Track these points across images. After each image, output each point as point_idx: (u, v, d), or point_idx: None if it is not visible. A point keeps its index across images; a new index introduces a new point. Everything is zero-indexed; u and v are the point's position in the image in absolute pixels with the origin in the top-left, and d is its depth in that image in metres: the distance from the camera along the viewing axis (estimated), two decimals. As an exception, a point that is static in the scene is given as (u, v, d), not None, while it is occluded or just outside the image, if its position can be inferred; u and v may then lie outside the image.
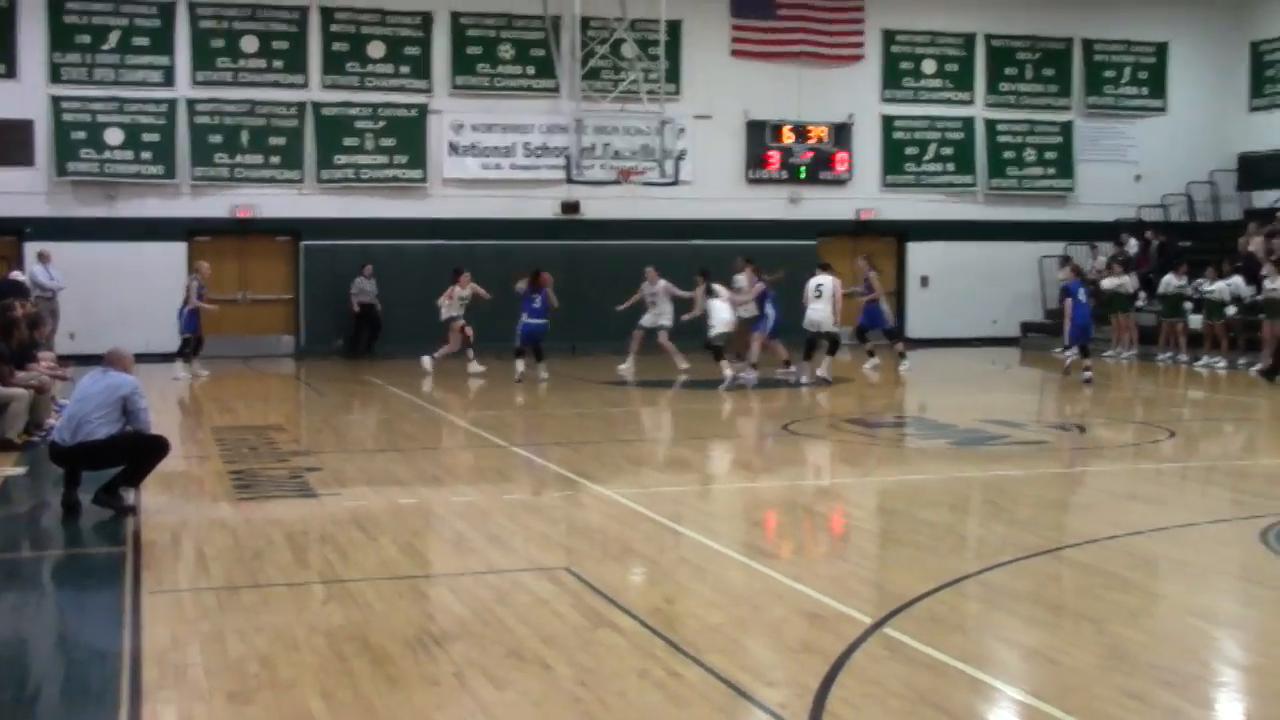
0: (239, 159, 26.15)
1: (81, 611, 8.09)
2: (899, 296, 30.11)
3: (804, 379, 20.66)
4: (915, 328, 29.48)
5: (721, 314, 20.03)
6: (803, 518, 10.98)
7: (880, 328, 23.36)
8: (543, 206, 27.55)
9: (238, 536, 9.59)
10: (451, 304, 22.18)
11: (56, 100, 25.27)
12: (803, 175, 29.05)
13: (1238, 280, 23.56)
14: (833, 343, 20.80)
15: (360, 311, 26.33)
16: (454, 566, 9.03)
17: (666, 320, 22.29)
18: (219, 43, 26.10)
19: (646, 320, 22.48)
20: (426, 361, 21.81)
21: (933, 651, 6.70)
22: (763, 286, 21.07)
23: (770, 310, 20.92)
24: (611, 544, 9.61)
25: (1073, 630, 7.28)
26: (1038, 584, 8.43)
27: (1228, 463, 13.90)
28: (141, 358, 20.84)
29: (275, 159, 26.36)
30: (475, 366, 22.00)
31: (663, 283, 22.43)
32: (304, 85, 26.50)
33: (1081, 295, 20.97)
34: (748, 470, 13.36)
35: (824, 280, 21.09)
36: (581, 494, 11.46)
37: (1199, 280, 24.31)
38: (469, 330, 22.16)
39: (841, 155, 29.28)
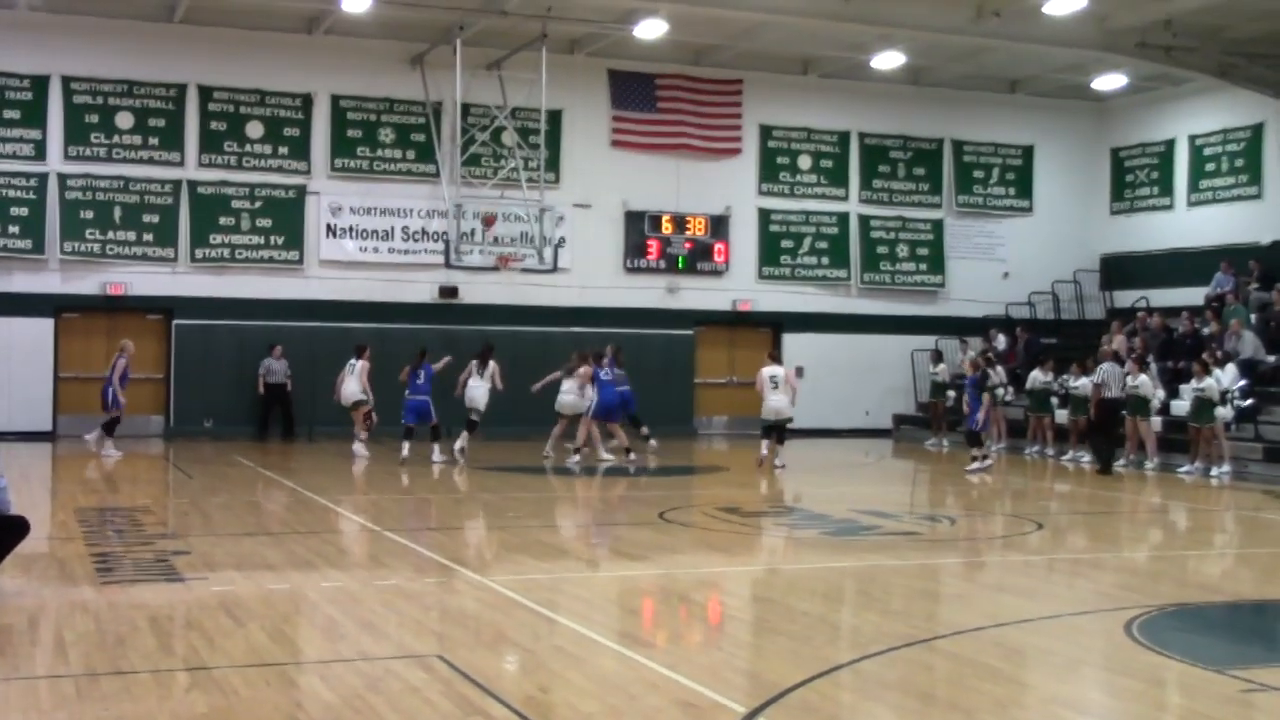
0: (111, 235, 25.70)
1: (-69, 699, 7.78)
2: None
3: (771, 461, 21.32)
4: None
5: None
6: (678, 606, 10.96)
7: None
8: (421, 290, 27.45)
9: (99, 621, 9.32)
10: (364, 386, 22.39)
11: (-78, 171, 24.70)
12: (682, 265, 29.33)
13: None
14: (780, 431, 21.45)
15: (267, 392, 25.99)
16: (324, 653, 8.86)
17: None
18: (93, 118, 25.72)
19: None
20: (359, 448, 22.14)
21: (807, 741, 6.70)
22: (590, 370, 21.99)
23: (594, 394, 21.76)
24: (485, 631, 9.50)
25: (944, 720, 7.35)
26: (909, 673, 8.49)
27: (1093, 555, 14.16)
28: (3, 435, 20.25)
29: (149, 236, 25.95)
30: (362, 450, 22.07)
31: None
32: (180, 163, 26.20)
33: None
34: (624, 558, 13.32)
35: (777, 370, 21.63)
36: (455, 580, 11.33)
37: (1064, 376, 24.90)
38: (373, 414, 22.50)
39: (719, 246, 29.64)
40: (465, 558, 12.29)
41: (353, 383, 22.33)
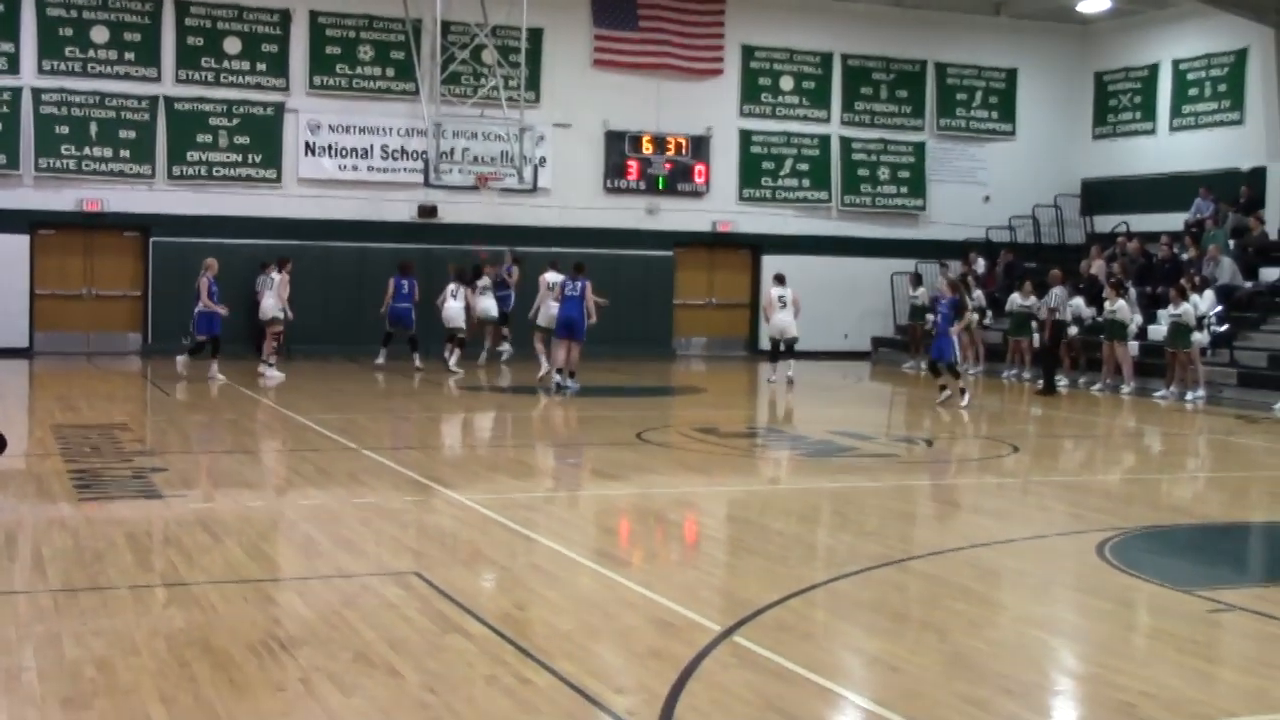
0: (87, 151, 25.45)
1: (-91, 613, 7.81)
2: (753, 309, 30.44)
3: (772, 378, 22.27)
4: (769, 340, 29.77)
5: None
6: (655, 526, 11.02)
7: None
8: (400, 209, 27.29)
9: (78, 537, 9.34)
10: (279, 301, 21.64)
11: (-106, 84, 24.39)
12: (662, 186, 29.21)
13: (1079, 301, 24.24)
14: (789, 349, 22.70)
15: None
16: (301, 570, 8.91)
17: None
18: (67, 31, 25.38)
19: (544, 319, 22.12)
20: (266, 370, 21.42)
21: (780, 659, 6.77)
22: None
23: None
24: (462, 549, 9.55)
25: (916, 639, 7.43)
26: (883, 594, 8.58)
27: (1067, 478, 14.29)
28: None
29: (125, 153, 25.71)
30: (273, 372, 21.30)
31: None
32: (156, 79, 25.90)
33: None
34: (600, 477, 13.38)
35: (785, 291, 22.55)
36: (433, 499, 11.38)
37: (1044, 300, 24.94)
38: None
39: (699, 167, 29.52)
40: (443, 476, 12.33)
41: (269, 298, 21.69)
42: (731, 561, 9.65)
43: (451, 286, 23.70)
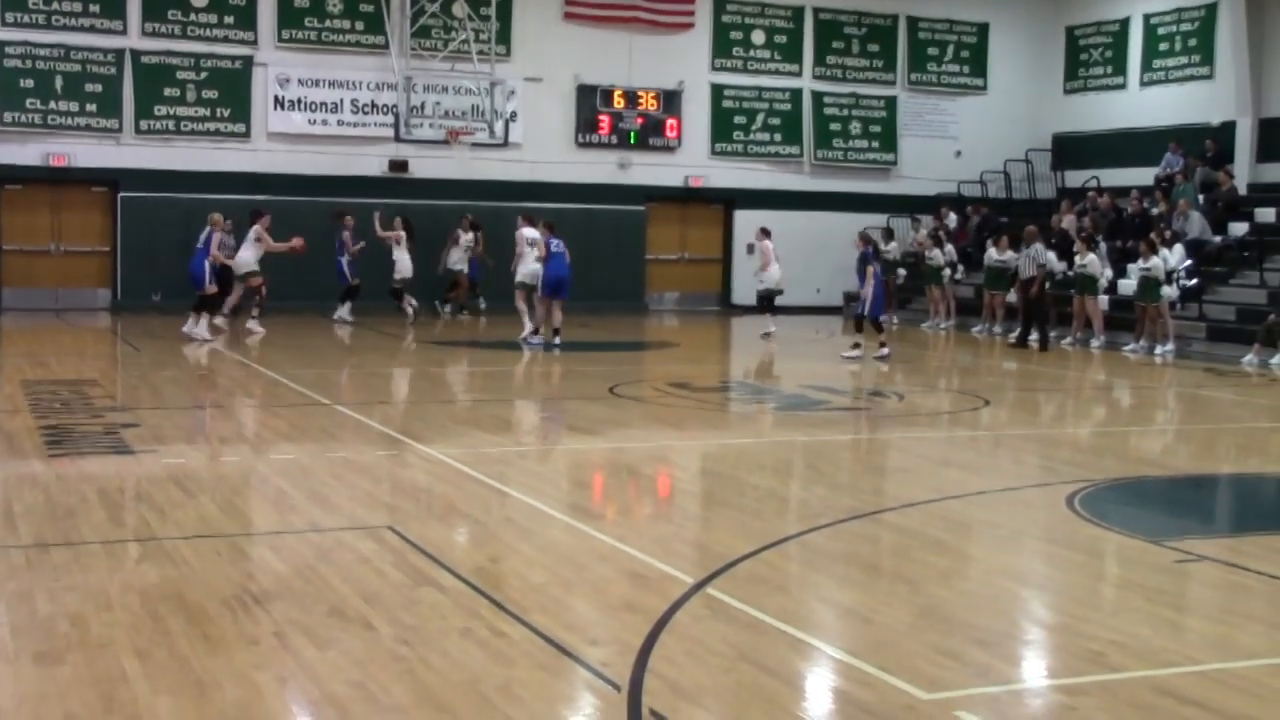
0: (53, 105, 25.20)
1: (-120, 569, 7.79)
2: (725, 264, 30.45)
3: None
4: (740, 294, 29.82)
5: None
6: (627, 479, 11.05)
7: None
8: (370, 164, 27.13)
9: (49, 493, 9.31)
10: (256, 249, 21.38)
11: None
12: (634, 141, 29.12)
13: (1050, 256, 24.27)
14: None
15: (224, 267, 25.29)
16: (275, 524, 8.90)
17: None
18: (32, -16, 25.10)
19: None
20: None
21: (753, 611, 6.81)
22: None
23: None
24: (435, 503, 9.57)
25: (888, 590, 7.48)
26: (855, 546, 8.63)
27: (1038, 431, 14.38)
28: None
29: (91, 106, 25.46)
30: (256, 325, 21.37)
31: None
32: (122, 32, 25.63)
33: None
34: (573, 432, 13.40)
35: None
36: (406, 453, 11.37)
37: (1016, 255, 24.98)
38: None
39: (671, 121, 29.42)
40: (415, 431, 12.32)
41: (246, 250, 21.27)
42: (704, 514, 9.69)
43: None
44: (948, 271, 26.61)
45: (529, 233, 21.06)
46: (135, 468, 10.41)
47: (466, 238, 25.41)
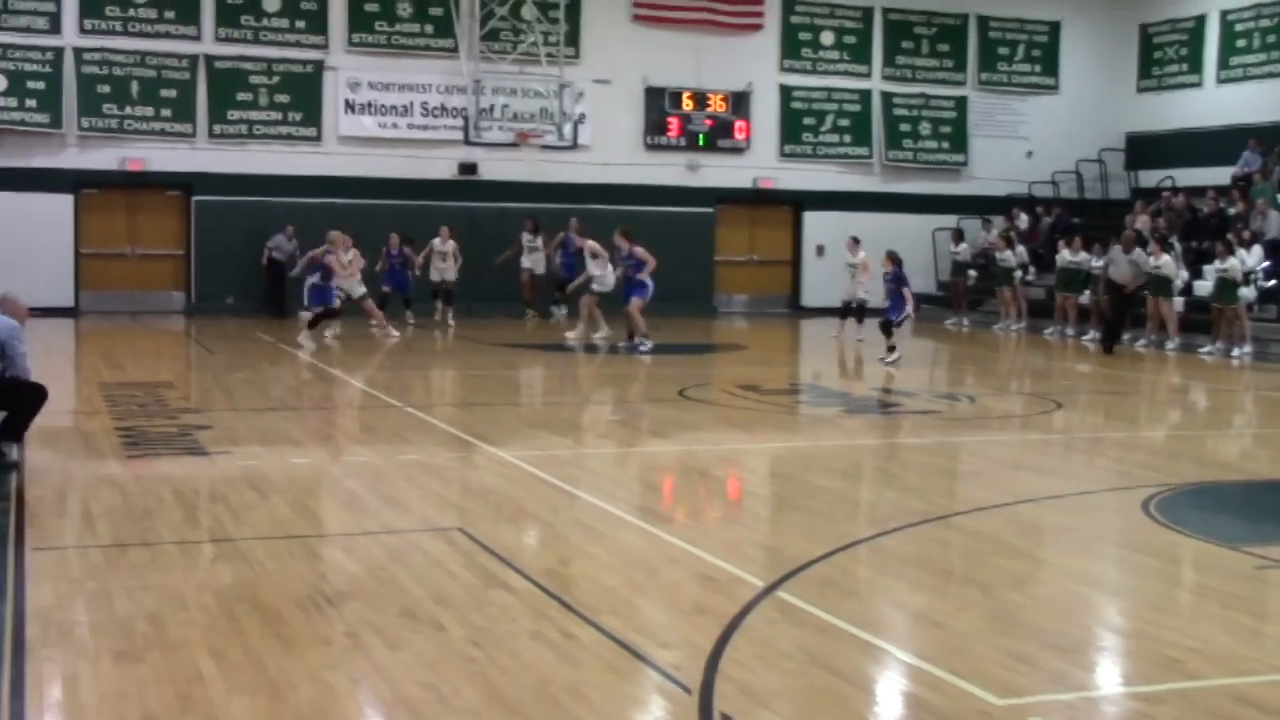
0: (129, 110, 25.57)
1: (-38, 568, 7.92)
2: (795, 266, 30.36)
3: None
4: (810, 296, 29.74)
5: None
6: (698, 482, 11.03)
7: None
8: (440, 167, 27.29)
9: (126, 494, 9.43)
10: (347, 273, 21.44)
11: (-62, 45, 24.54)
12: (703, 143, 29.10)
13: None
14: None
15: (269, 265, 25.49)
16: (347, 526, 8.97)
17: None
18: (108, -10, 25.48)
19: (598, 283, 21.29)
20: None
21: (824, 614, 6.78)
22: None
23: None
24: (506, 506, 9.59)
25: (960, 595, 7.42)
26: (927, 550, 8.56)
27: (1112, 434, 14.20)
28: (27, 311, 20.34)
29: (167, 111, 25.81)
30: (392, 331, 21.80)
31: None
32: (196, 38, 25.97)
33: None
34: (643, 434, 13.39)
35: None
36: (476, 455, 11.42)
37: (1089, 256, 24.72)
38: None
39: (740, 123, 29.37)
40: (486, 433, 12.37)
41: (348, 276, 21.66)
42: (775, 518, 9.65)
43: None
44: (1019, 273, 26.36)
45: (595, 245, 21.30)
46: (210, 469, 10.53)
47: (532, 241, 25.43)
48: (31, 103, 25.01)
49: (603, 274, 20.94)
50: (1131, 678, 6.20)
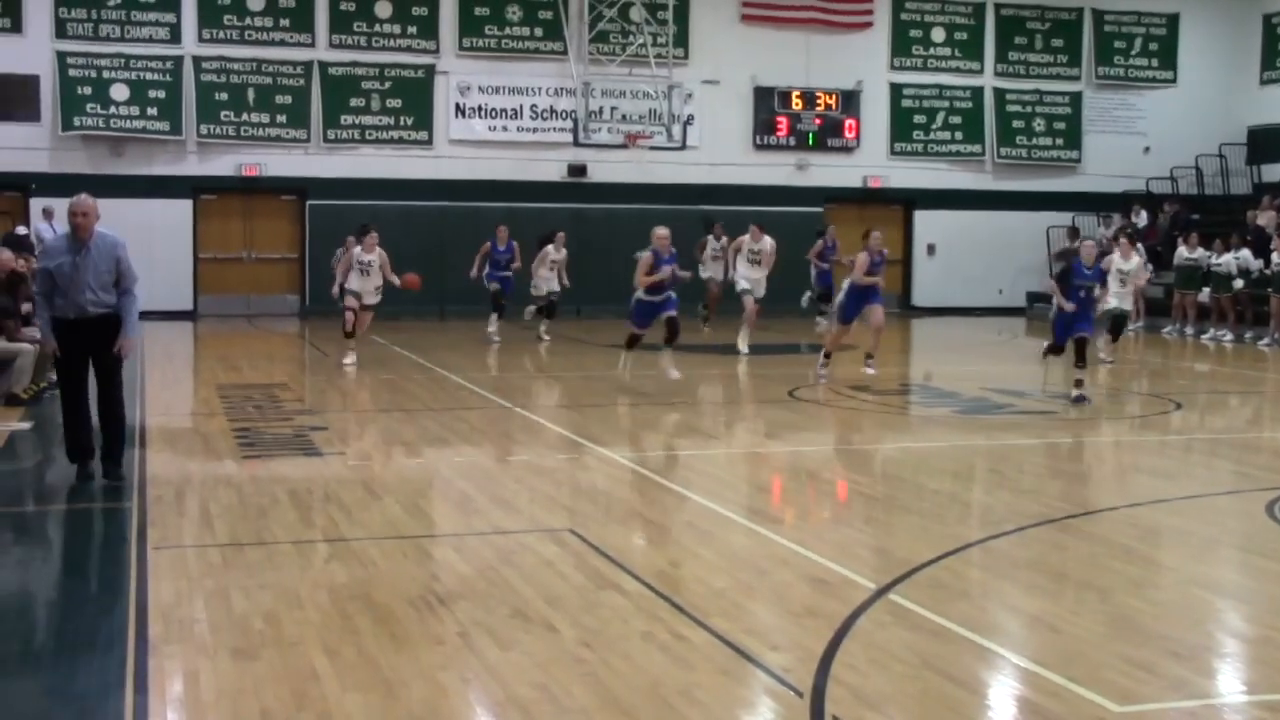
0: (245, 117, 26.08)
1: (87, 566, 8.11)
2: (905, 265, 30.09)
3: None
4: (921, 296, 29.46)
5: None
6: (808, 483, 10.97)
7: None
8: (549, 169, 27.47)
9: (242, 494, 9.60)
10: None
11: (62, 55, 25.19)
12: (812, 142, 28.97)
13: (1246, 254, 23.48)
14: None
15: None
16: (458, 527, 9.03)
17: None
18: (225, 0, 25.96)
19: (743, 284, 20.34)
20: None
21: (937, 618, 6.69)
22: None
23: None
24: (616, 507, 9.61)
25: (1076, 599, 7.29)
26: (1042, 552, 8.42)
27: (1234, 435, 13.87)
28: (144, 315, 20.85)
29: (281, 118, 26.29)
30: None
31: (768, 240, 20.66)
32: (311, 44, 26.41)
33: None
34: (753, 435, 13.34)
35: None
36: (586, 456, 11.45)
37: (1207, 253, 24.24)
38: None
39: (850, 122, 29.18)
40: (596, 434, 12.40)
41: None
42: (886, 519, 9.56)
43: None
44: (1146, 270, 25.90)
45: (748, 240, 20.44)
46: (324, 469, 10.67)
47: (715, 245, 23.82)
48: (153, 111, 25.60)
49: (759, 279, 20.36)
50: (1255, 685, 6.05)
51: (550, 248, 21.88)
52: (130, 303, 9.60)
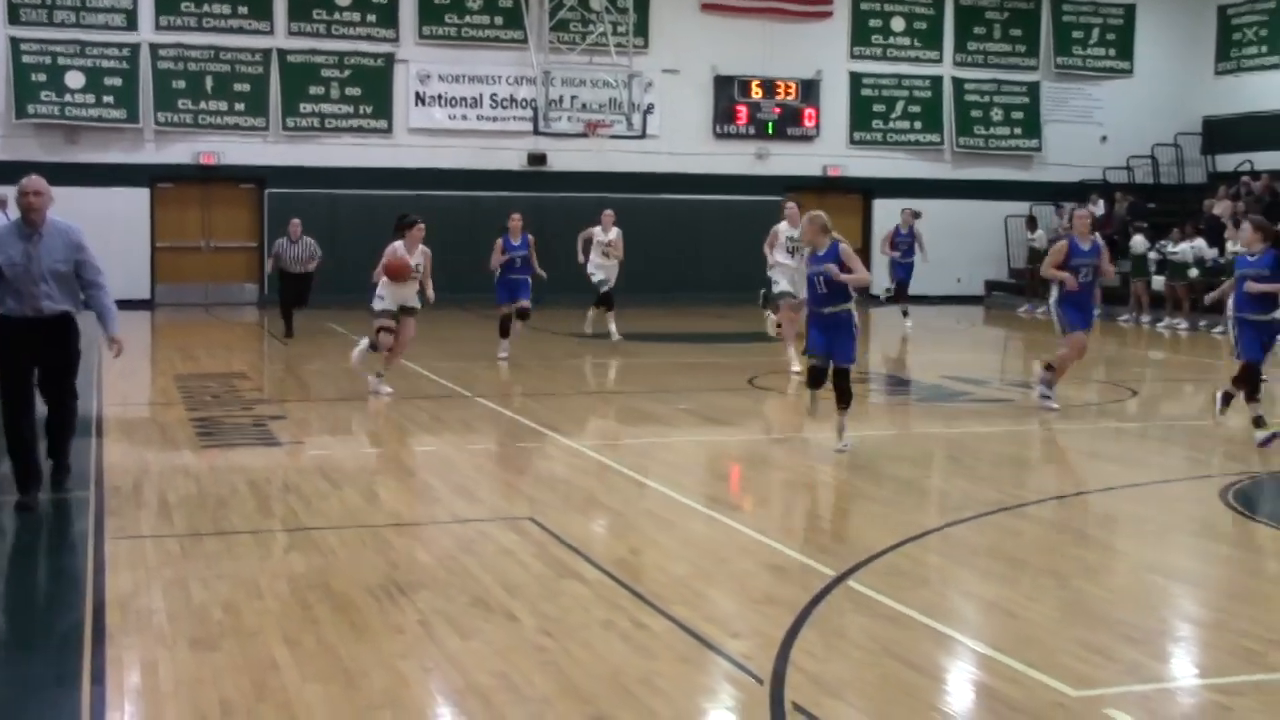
0: (203, 105, 25.88)
1: (44, 556, 8.06)
2: (864, 254, 30.17)
3: None
4: (881, 284, 29.53)
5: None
6: (767, 471, 11.01)
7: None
8: (509, 158, 27.41)
9: (201, 484, 9.55)
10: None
11: (16, 42, 24.92)
12: (771, 131, 29.01)
13: (1200, 243, 23.69)
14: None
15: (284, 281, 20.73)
16: (418, 515, 9.03)
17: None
18: (182, -14, 25.78)
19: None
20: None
21: (895, 604, 6.74)
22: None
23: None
24: (576, 495, 9.62)
25: (1033, 585, 7.35)
26: (999, 539, 8.49)
27: (1188, 423, 14.00)
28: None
29: (240, 106, 26.10)
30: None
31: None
32: (269, 32, 26.23)
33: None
34: (713, 423, 13.37)
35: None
36: (547, 445, 11.46)
37: (1162, 242, 24.44)
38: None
39: (809, 111, 29.24)
40: (556, 423, 12.40)
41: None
42: (845, 506, 9.61)
43: None
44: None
45: (784, 229, 16.33)
46: (283, 459, 10.64)
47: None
48: (108, 99, 25.37)
49: (612, 265, 19.38)
50: (1209, 669, 6.12)
51: (596, 230, 19.71)
52: (104, 296, 8.65)
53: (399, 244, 13.98)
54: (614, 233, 19.80)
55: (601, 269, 19.80)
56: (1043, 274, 13.65)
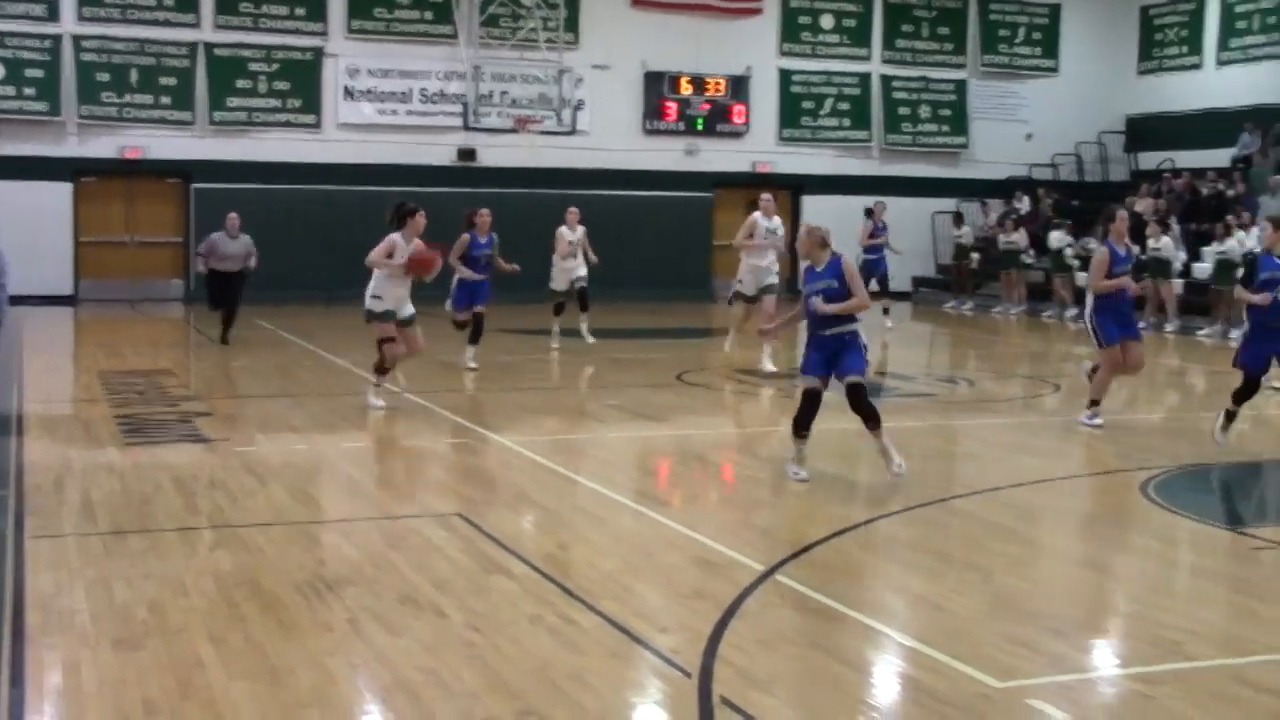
0: (128, 98, 25.53)
1: (-38, 556, 7.94)
2: (794, 250, 30.31)
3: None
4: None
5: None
6: (695, 466, 11.04)
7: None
8: (439, 153, 27.27)
9: (125, 481, 9.44)
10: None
11: (-66, 33, 24.51)
12: (700, 127, 29.07)
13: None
14: None
15: (215, 280, 19.03)
16: (346, 512, 8.98)
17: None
18: (106, -23, 25.43)
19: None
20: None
21: (823, 598, 6.79)
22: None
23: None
24: (504, 491, 9.61)
25: (959, 578, 7.43)
26: (926, 533, 8.57)
27: (1110, 417, 14.16)
28: (26, 299, 20.30)
29: (165, 99, 25.78)
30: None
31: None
32: (196, 25, 25.92)
33: None
34: (641, 419, 13.39)
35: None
36: (475, 441, 11.43)
37: (1085, 239, 24.73)
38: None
39: (739, 108, 29.33)
40: (486, 419, 12.38)
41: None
42: (773, 501, 9.66)
43: None
44: (1025, 256, 26.41)
45: (763, 221, 16.56)
46: (209, 456, 10.54)
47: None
48: (30, 91, 24.98)
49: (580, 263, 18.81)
50: (1130, 659, 6.22)
51: (563, 229, 18.80)
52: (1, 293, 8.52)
53: (398, 235, 12.83)
54: (580, 230, 19.01)
55: (577, 268, 18.98)
56: (1096, 290, 12.47)
